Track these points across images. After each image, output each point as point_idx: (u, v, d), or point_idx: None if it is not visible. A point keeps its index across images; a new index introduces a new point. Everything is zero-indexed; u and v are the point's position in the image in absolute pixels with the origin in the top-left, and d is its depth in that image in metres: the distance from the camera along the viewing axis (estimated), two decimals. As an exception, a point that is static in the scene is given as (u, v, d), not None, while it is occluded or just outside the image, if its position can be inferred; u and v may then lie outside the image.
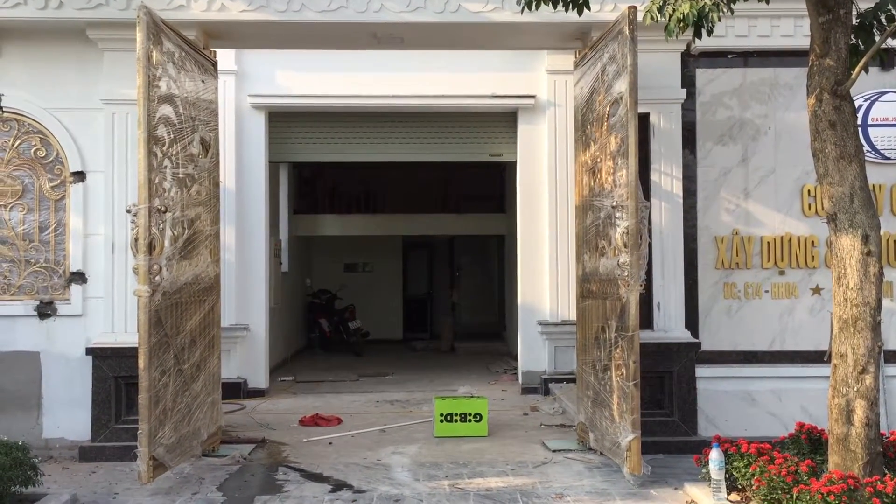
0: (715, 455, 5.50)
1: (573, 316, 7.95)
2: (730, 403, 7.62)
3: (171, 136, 6.33)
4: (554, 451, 7.10)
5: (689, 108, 7.70)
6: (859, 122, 7.11)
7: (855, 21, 5.49)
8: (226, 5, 7.03)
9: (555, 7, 5.80)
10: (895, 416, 7.51)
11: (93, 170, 7.42)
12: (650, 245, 6.66)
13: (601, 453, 6.75)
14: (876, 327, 5.19)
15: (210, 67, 7.27)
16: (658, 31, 5.88)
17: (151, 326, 5.87)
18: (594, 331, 6.85)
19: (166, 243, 6.18)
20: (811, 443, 5.91)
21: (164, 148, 6.22)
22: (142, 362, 5.81)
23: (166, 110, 6.26)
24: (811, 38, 5.44)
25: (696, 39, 5.41)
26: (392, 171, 14.70)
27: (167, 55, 6.28)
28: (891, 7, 5.34)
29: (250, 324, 9.75)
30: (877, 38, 5.46)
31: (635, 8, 6.07)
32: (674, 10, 5.18)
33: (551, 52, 9.31)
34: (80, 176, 7.46)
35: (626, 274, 6.10)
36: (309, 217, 16.00)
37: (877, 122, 7.83)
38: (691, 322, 7.58)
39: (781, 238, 7.84)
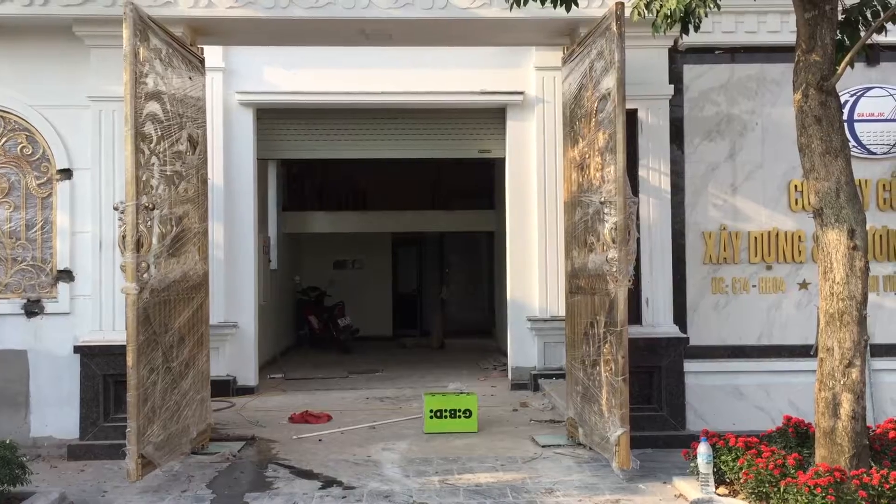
0: (703, 449, 5.53)
1: (562, 312, 7.96)
2: (718, 398, 7.66)
3: (159, 133, 6.31)
4: (543, 446, 7.12)
5: (676, 104, 7.73)
6: (845, 117, 7.19)
7: (840, 17, 5.53)
8: (213, 2, 7.01)
9: (543, 3, 5.82)
10: (881, 410, 7.56)
11: (80, 167, 7.40)
12: (638, 241, 6.68)
13: (590, 448, 6.78)
14: (862, 321, 5.23)
15: (197, 64, 7.24)
16: (645, 27, 5.90)
17: (139, 324, 5.85)
18: (583, 326, 6.88)
19: (154, 241, 6.16)
20: (798, 436, 5.95)
21: (152, 145, 6.20)
22: (130, 360, 5.79)
23: (153, 107, 6.23)
24: (797, 33, 5.47)
25: (684, 35, 5.43)
26: (381, 167, 14.71)
27: (154, 52, 6.26)
28: (876, 3, 5.38)
29: (239, 321, 9.73)
30: (862, 34, 5.50)
31: (622, 4, 6.08)
32: (661, 6, 5.20)
33: (539, 48, 9.32)
34: (66, 173, 7.43)
35: (614, 269, 6.12)
36: (298, 214, 15.95)
37: (863, 118, 7.88)
38: (679, 317, 7.61)
39: (769, 233, 7.87)
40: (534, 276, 9.64)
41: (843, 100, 6.62)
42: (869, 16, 5.54)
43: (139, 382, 5.82)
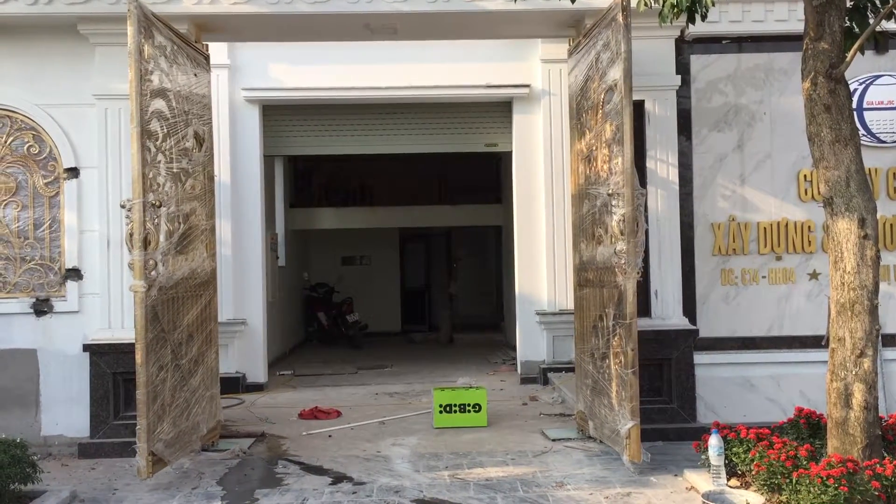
0: (714, 441, 5.50)
1: (571, 305, 7.94)
2: (728, 390, 7.62)
3: (165, 130, 6.30)
4: (553, 440, 7.10)
5: (684, 94, 7.68)
6: (855, 105, 7.09)
7: (849, 3, 5.47)
8: (217, -2, 7.00)
9: (548, -6, 5.79)
10: (894, 400, 7.52)
11: (86, 165, 7.40)
12: (647, 232, 6.63)
13: (601, 441, 6.76)
14: (873, 311, 5.19)
15: (202, 61, 7.23)
16: (652, 17, 5.86)
17: (148, 322, 5.85)
18: (592, 319, 6.85)
19: (161, 238, 6.16)
20: (810, 427, 5.92)
21: (158, 142, 6.19)
22: (139, 358, 5.80)
23: (159, 104, 6.22)
24: (805, 21, 5.42)
25: (690, 25, 5.40)
26: (388, 163, 14.70)
27: (159, 49, 6.25)
28: (885, -11, 5.32)
29: (248, 318, 9.74)
30: (871, 21, 5.45)
31: (628, -6, 6.05)
32: (667, -4, 5.15)
33: (545, 40, 9.29)
34: (73, 172, 7.44)
35: (622, 262, 6.09)
36: (305, 211, 15.97)
37: (872, 106, 7.81)
38: (689, 309, 7.57)
39: (778, 223, 7.83)
40: (542, 270, 9.62)
41: (852, 88, 6.55)
42: (878, 2, 5.48)
43: (148, 380, 5.82)
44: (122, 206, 6.06)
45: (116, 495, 5.90)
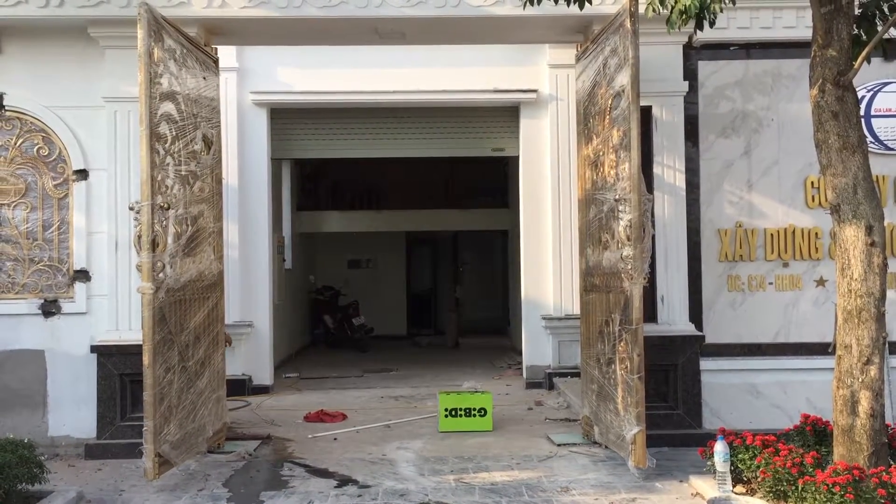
0: (720, 447, 5.49)
1: (577, 310, 7.94)
2: (734, 396, 7.61)
3: (174, 133, 6.33)
4: (559, 444, 7.10)
5: (691, 100, 7.69)
6: (862, 112, 7.11)
7: (857, 11, 5.48)
8: (227, 2, 7.03)
9: (556, 1, 5.81)
10: (900, 408, 7.49)
11: (95, 168, 7.44)
12: (653, 238, 6.64)
13: (606, 447, 6.75)
14: (880, 318, 5.18)
15: (211, 64, 7.26)
16: (660, 23, 5.87)
17: (155, 324, 5.88)
18: (598, 324, 6.85)
19: (169, 240, 6.18)
20: (816, 434, 5.91)
21: (167, 145, 6.22)
22: (146, 359, 5.82)
23: (168, 107, 6.26)
24: (813, 28, 5.42)
25: (698, 31, 5.40)
26: (395, 166, 14.72)
27: (168, 52, 6.28)
28: (893, -4, 5.33)
29: (254, 321, 9.77)
30: (879, 28, 5.45)
31: (636, 0, 6.05)
32: (675, 2, 5.16)
33: (553, 45, 9.31)
34: (82, 174, 7.47)
35: (629, 267, 6.09)
36: (312, 214, 16.01)
37: (880, 113, 7.80)
38: (695, 315, 7.56)
39: (785, 230, 7.81)
40: (548, 275, 9.62)
41: (859, 95, 6.55)
42: (886, 10, 5.49)
43: (155, 382, 5.84)
44: (131, 209, 6.09)
45: (123, 496, 5.92)
